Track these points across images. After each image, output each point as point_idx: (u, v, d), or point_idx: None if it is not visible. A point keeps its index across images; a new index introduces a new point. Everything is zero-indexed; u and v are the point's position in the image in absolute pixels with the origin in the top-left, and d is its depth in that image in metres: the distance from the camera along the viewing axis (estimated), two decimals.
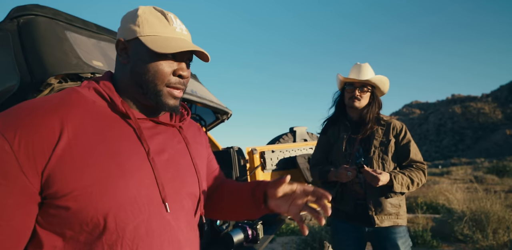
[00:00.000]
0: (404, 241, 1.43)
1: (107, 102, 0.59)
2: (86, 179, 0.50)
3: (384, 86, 1.59)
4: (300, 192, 0.63)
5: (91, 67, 1.14)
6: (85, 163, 0.50)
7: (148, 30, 0.60)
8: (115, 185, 0.52)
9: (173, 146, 0.65)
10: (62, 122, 0.51)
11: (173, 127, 0.68)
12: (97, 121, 0.55)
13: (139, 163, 0.56)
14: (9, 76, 1.10)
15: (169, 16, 0.62)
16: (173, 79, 0.62)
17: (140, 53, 0.60)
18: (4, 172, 0.46)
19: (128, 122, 0.59)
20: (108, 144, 0.54)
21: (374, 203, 1.43)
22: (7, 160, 0.46)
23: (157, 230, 0.56)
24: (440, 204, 6.30)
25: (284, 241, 4.08)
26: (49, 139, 0.49)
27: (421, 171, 1.46)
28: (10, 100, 1.09)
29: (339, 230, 1.55)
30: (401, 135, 1.50)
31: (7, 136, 0.47)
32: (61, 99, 0.55)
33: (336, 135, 1.60)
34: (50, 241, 0.51)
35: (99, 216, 0.50)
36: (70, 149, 0.50)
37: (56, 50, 1.13)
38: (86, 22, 1.44)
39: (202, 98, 1.80)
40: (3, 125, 0.48)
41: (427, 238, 3.86)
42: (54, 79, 1.07)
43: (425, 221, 5.07)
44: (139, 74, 0.60)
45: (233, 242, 1.45)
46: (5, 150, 0.46)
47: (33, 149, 0.47)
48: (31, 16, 1.22)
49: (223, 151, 2.29)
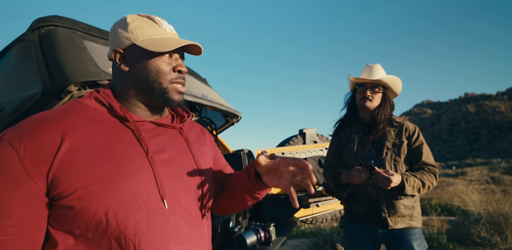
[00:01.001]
0: (419, 243, 1.41)
1: (107, 108, 0.63)
2: (87, 179, 0.54)
3: (396, 86, 1.57)
4: (283, 165, 0.64)
5: (108, 75, 1.19)
6: (86, 165, 0.54)
7: (142, 35, 0.64)
8: (115, 183, 0.55)
9: (174, 146, 0.68)
10: (64, 130, 0.55)
11: (173, 128, 0.71)
12: (97, 126, 0.59)
13: (139, 162, 0.60)
14: (32, 84, 1.16)
15: (156, 19, 0.67)
16: (174, 75, 0.67)
17: (139, 57, 0.64)
18: (12, 177, 0.51)
19: (127, 125, 0.63)
20: (108, 146, 0.58)
21: (387, 204, 1.42)
22: (14, 166, 0.51)
23: (158, 226, 0.59)
24: (455, 206, 6.14)
25: (295, 243, 4.05)
26: (51, 145, 0.53)
27: (433, 174, 1.45)
28: (33, 107, 1.14)
29: (352, 232, 1.54)
30: (413, 137, 1.49)
31: (14, 145, 0.52)
32: (64, 110, 0.60)
33: (347, 137, 1.59)
34: (62, 240, 0.55)
35: (100, 214, 0.54)
36: (71, 153, 0.54)
37: (75, 59, 1.18)
38: (101, 31, 1.50)
39: (212, 102, 1.83)
40: (11, 135, 0.53)
41: (443, 241, 3.76)
42: (74, 87, 1.12)
43: (440, 223, 4.95)
44: (142, 77, 0.65)
45: (246, 244, 1.47)
46: (12, 157, 0.51)
47: (37, 154, 0.52)
48: (51, 27, 1.28)
49: (233, 153, 2.31)
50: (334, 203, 2.37)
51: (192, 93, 1.63)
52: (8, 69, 1.34)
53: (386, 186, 1.31)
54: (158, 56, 0.65)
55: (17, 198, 0.51)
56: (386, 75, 1.56)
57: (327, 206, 2.36)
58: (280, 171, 0.65)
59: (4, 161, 0.51)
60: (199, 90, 1.79)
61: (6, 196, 0.51)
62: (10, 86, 1.28)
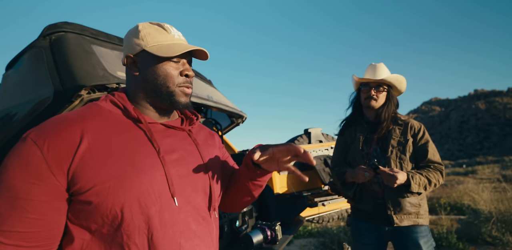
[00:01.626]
0: (426, 241, 1.41)
1: (121, 110, 0.67)
2: (104, 176, 0.57)
3: (401, 85, 1.58)
4: (277, 152, 0.67)
5: (116, 78, 1.23)
6: (103, 162, 0.58)
7: (151, 41, 0.68)
8: (129, 180, 0.59)
9: (183, 147, 0.71)
10: (82, 130, 0.59)
11: (183, 130, 0.74)
12: (113, 127, 0.63)
13: (151, 161, 0.63)
14: (44, 89, 1.20)
15: (165, 26, 0.71)
16: (181, 79, 0.70)
17: (148, 62, 0.68)
18: (37, 173, 0.55)
19: (139, 126, 0.67)
20: (123, 146, 0.62)
21: (393, 202, 1.43)
22: (38, 163, 0.55)
23: (169, 221, 0.62)
24: (465, 204, 6.04)
25: (302, 243, 4.06)
26: (71, 144, 0.57)
27: (439, 171, 1.45)
28: (45, 111, 1.19)
29: (359, 230, 1.55)
30: (419, 135, 1.49)
31: (38, 143, 0.56)
32: (82, 112, 0.64)
33: (352, 136, 1.60)
34: (79, 235, 0.58)
35: (116, 208, 0.57)
36: (89, 151, 0.58)
37: (84, 63, 1.22)
38: (109, 36, 1.54)
39: (218, 103, 1.86)
40: (35, 135, 0.57)
41: (453, 240, 3.72)
42: (83, 91, 1.16)
43: (450, 222, 4.88)
44: (151, 80, 0.69)
45: (252, 243, 1.49)
46: (37, 154, 0.55)
47: (59, 152, 0.56)
48: (61, 33, 1.32)
49: (239, 153, 2.34)
50: (340, 202, 2.37)
51: (198, 94, 1.66)
52: (21, 74, 1.39)
53: (392, 184, 1.32)
54: (166, 61, 0.69)
55: (41, 193, 0.55)
56: (390, 74, 1.56)
57: (333, 205, 2.36)
58: (277, 157, 0.68)
59: (30, 158, 0.55)
60: (204, 92, 1.82)
61: (31, 191, 0.54)
62: (24, 91, 1.33)
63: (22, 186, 0.54)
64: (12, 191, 0.54)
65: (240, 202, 0.86)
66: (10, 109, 1.32)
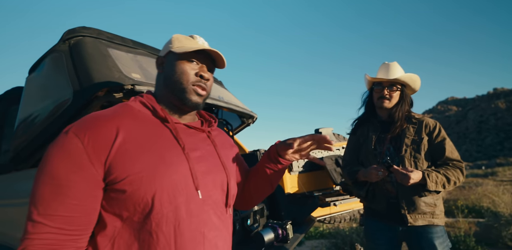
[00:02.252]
0: (441, 241, 1.38)
1: (150, 110, 0.74)
2: (138, 167, 0.63)
3: (415, 84, 1.54)
4: (302, 143, 0.80)
5: (131, 80, 1.27)
6: (136, 155, 0.64)
7: (177, 45, 0.77)
8: (159, 172, 0.64)
9: (203, 147, 0.77)
10: (118, 126, 0.65)
11: (203, 131, 0.80)
12: (143, 125, 0.69)
13: (177, 157, 0.69)
14: (64, 91, 1.26)
15: (195, 36, 0.82)
16: (195, 78, 0.76)
17: (171, 61, 0.77)
18: (79, 163, 0.60)
19: (166, 125, 0.73)
20: (152, 141, 0.68)
21: (407, 201, 1.40)
22: (80, 154, 0.61)
23: (195, 212, 0.67)
24: (484, 207, 5.83)
25: (313, 244, 4.03)
26: (109, 137, 0.63)
27: (458, 169, 1.40)
28: (65, 112, 1.24)
29: (372, 230, 1.53)
30: (434, 133, 1.46)
31: (80, 136, 0.62)
32: (116, 111, 0.71)
33: (365, 135, 1.58)
34: (111, 222, 0.63)
35: (147, 197, 0.62)
36: (124, 144, 0.64)
37: (101, 66, 1.27)
38: (124, 39, 1.59)
39: (229, 104, 1.89)
40: (77, 129, 0.63)
41: (471, 244, 3.60)
42: (100, 92, 1.21)
43: (467, 225, 4.73)
44: (169, 77, 0.76)
45: (263, 241, 1.50)
46: (78, 146, 0.61)
47: (98, 145, 0.62)
48: (79, 37, 1.38)
49: (249, 154, 2.35)
50: (352, 202, 2.35)
51: (209, 95, 1.69)
52: (43, 78, 1.46)
53: (406, 183, 1.29)
54: (185, 61, 0.76)
55: (82, 181, 0.60)
56: (404, 74, 1.53)
57: (345, 205, 2.34)
58: (299, 147, 0.80)
59: (72, 150, 0.61)
60: (215, 93, 1.86)
61: (73, 179, 0.60)
62: (45, 93, 1.40)
63: (65, 174, 0.59)
64: (56, 178, 0.59)
65: (258, 195, 0.91)
66: (33, 111, 1.39)
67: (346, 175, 1.59)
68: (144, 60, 1.62)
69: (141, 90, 1.25)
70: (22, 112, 1.43)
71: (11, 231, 1.16)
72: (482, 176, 16.21)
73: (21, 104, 1.47)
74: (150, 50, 1.74)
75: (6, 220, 1.21)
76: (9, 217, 1.21)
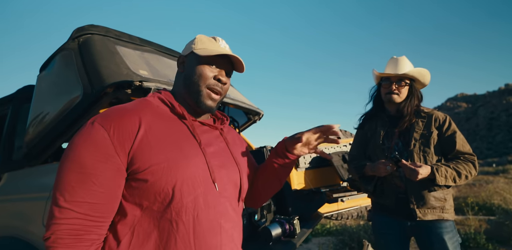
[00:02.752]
0: (451, 236, 1.36)
1: (168, 106, 0.76)
2: (159, 158, 0.65)
3: (424, 78, 1.51)
4: (310, 136, 0.81)
5: (138, 76, 1.29)
6: (158, 147, 0.66)
7: (200, 46, 0.79)
8: (180, 163, 0.67)
9: (217, 143, 0.80)
10: (140, 119, 0.68)
11: (216, 129, 0.83)
12: (161, 120, 0.72)
13: (195, 151, 0.72)
14: (74, 88, 1.29)
15: (217, 38, 0.83)
16: (213, 82, 0.78)
17: (192, 62, 0.78)
18: (105, 152, 0.63)
19: (183, 122, 0.76)
20: (170, 135, 0.70)
21: (416, 196, 1.38)
22: (106, 144, 0.63)
23: (212, 203, 0.70)
24: (495, 204, 5.73)
25: (320, 241, 4.03)
26: (132, 129, 0.66)
27: (470, 162, 1.37)
28: (76, 109, 1.27)
29: (380, 225, 1.52)
30: (444, 126, 1.43)
31: (106, 127, 0.64)
32: (137, 105, 0.74)
33: (373, 129, 1.56)
34: (131, 211, 0.65)
35: (168, 187, 0.65)
36: (146, 136, 0.66)
37: (109, 63, 1.29)
38: (131, 36, 1.61)
39: (235, 100, 1.89)
40: (102, 120, 0.66)
41: (481, 241, 3.55)
42: (109, 89, 1.24)
43: (478, 223, 4.66)
44: (189, 77, 0.78)
45: (271, 236, 1.51)
46: (104, 137, 0.63)
47: (122, 136, 0.64)
48: (88, 35, 1.41)
49: (256, 150, 2.36)
50: (359, 198, 2.33)
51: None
52: (54, 75, 1.49)
53: (414, 178, 1.28)
54: (205, 64, 0.77)
55: (107, 170, 0.63)
56: (413, 68, 1.50)
57: (352, 201, 2.33)
58: (308, 141, 0.82)
59: (99, 140, 0.63)
60: None
61: (100, 167, 0.62)
62: (56, 90, 1.43)
63: (92, 163, 0.62)
64: (83, 167, 0.61)
65: (267, 192, 0.93)
66: (44, 109, 1.42)
67: (353, 169, 1.57)
68: (151, 57, 1.64)
69: (149, 87, 1.27)
70: (34, 110, 1.46)
71: (24, 224, 1.19)
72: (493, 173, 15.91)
73: (33, 102, 1.50)
74: (157, 48, 1.75)
75: (19, 214, 1.24)
76: (22, 211, 1.24)
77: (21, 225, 1.19)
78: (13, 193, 1.33)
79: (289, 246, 1.52)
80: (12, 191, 1.36)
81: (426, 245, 1.40)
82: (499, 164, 24.30)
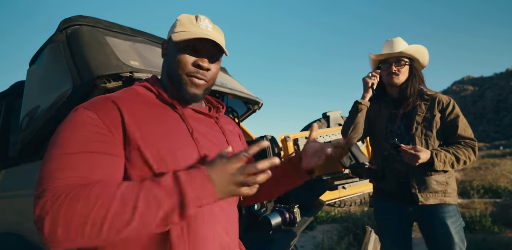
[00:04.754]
0: (454, 220, 1.35)
1: (155, 94, 0.71)
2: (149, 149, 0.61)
3: (423, 56, 1.47)
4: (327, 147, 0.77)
5: (129, 67, 1.25)
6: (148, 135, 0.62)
7: (179, 29, 0.71)
8: (172, 153, 0.63)
9: (212, 132, 0.75)
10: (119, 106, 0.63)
11: (210, 117, 0.78)
12: (148, 107, 0.67)
13: (186, 140, 0.67)
14: (64, 81, 1.26)
15: (199, 17, 0.73)
16: (192, 69, 0.71)
17: (171, 47, 0.73)
18: (101, 132, 0.59)
19: (173, 109, 0.71)
20: (160, 124, 0.66)
21: (417, 180, 1.37)
22: (98, 124, 0.59)
23: None
24: (501, 187, 5.70)
25: (325, 228, 4.07)
26: (117, 115, 0.62)
27: (470, 148, 1.35)
28: (66, 103, 1.24)
29: (382, 210, 1.51)
30: (448, 110, 1.40)
31: (93, 110, 0.61)
32: (119, 93, 0.70)
33: (376, 112, 1.53)
34: None
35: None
36: (135, 123, 0.62)
37: (98, 54, 1.25)
38: (122, 27, 1.56)
39: (233, 90, 1.85)
40: (86, 106, 0.62)
41: (487, 224, 3.55)
42: (99, 81, 1.20)
43: (483, 206, 4.65)
44: (169, 65, 0.73)
45: (271, 225, 1.51)
46: (94, 118, 0.60)
47: (110, 118, 0.61)
48: (76, 26, 1.36)
49: (256, 140, 2.34)
50: (361, 185, 2.32)
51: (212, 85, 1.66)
52: (43, 69, 1.46)
53: (414, 163, 1.26)
54: (184, 49, 0.70)
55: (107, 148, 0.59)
56: (409, 46, 1.46)
57: (354, 188, 2.32)
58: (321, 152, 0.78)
59: (91, 121, 0.59)
60: (218, 79, 1.82)
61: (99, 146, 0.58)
62: (46, 84, 1.41)
63: (92, 142, 0.58)
64: (84, 147, 0.57)
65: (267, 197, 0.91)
66: (35, 103, 1.40)
67: None
68: (143, 47, 1.59)
69: (140, 78, 1.23)
70: (26, 105, 1.45)
71: (22, 221, 1.20)
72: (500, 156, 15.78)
73: (24, 97, 1.48)
74: (150, 38, 1.70)
75: (17, 210, 1.25)
76: (20, 207, 1.25)
77: (19, 221, 1.20)
78: (10, 189, 1.34)
79: (289, 234, 1.52)
80: (9, 187, 1.36)
81: (428, 230, 1.39)
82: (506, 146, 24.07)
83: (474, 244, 2.87)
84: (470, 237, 3.06)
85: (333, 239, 3.22)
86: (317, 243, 3.21)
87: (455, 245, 1.32)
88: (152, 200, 0.52)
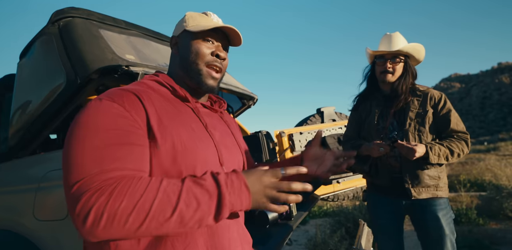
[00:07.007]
0: (445, 213, 1.39)
1: (168, 89, 0.72)
2: (173, 139, 0.61)
3: (419, 54, 1.49)
4: (328, 155, 0.80)
5: (124, 61, 1.23)
6: (171, 125, 0.62)
7: (191, 23, 0.75)
8: (195, 146, 0.64)
9: (220, 126, 0.78)
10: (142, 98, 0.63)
11: (216, 112, 0.81)
12: (163, 101, 0.68)
13: (202, 133, 0.69)
14: (57, 75, 1.22)
15: (208, 13, 0.79)
16: (211, 58, 0.74)
17: (186, 40, 0.74)
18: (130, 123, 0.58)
19: (186, 104, 0.72)
20: (177, 117, 0.67)
21: (411, 175, 1.40)
22: (127, 115, 0.59)
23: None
24: (486, 180, 5.90)
25: (318, 222, 4.14)
26: (140, 106, 0.61)
27: (463, 141, 1.39)
28: (60, 97, 1.21)
29: (375, 205, 1.54)
30: (440, 105, 1.43)
31: (118, 102, 0.60)
32: (135, 85, 0.69)
33: (368, 110, 1.55)
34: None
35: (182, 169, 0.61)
36: (156, 114, 0.62)
37: (93, 47, 1.22)
38: (116, 20, 1.52)
39: (228, 85, 1.85)
40: (109, 97, 0.61)
41: (472, 216, 3.68)
42: (94, 74, 1.18)
43: (469, 199, 4.82)
44: (185, 58, 0.74)
45: (267, 219, 1.52)
46: (121, 110, 0.59)
47: (136, 111, 0.60)
48: (68, 19, 1.32)
49: (251, 135, 2.34)
50: (355, 179, 2.37)
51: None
52: (35, 62, 1.42)
53: (411, 157, 1.28)
54: (200, 40, 0.73)
55: (137, 139, 0.58)
56: (407, 44, 1.47)
57: (348, 183, 2.36)
58: (322, 160, 0.80)
59: (120, 112, 0.58)
60: None
61: (130, 136, 0.57)
62: (38, 78, 1.37)
63: (130, 134, 0.57)
64: (124, 138, 0.56)
65: None
66: (27, 98, 1.36)
67: (349, 147, 1.56)
68: (138, 41, 1.56)
69: (136, 72, 1.21)
70: (16, 100, 1.40)
71: (15, 217, 1.18)
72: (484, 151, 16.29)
73: (15, 91, 1.44)
74: (144, 31, 1.67)
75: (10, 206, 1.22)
76: (13, 203, 1.22)
77: (13, 217, 1.18)
78: (2, 185, 1.31)
79: (286, 228, 1.54)
80: (1, 183, 1.33)
81: (421, 223, 1.43)
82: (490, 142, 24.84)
83: (461, 236, 2.97)
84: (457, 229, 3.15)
85: (326, 232, 3.28)
86: (310, 237, 3.26)
87: (446, 237, 1.36)
88: (193, 200, 0.52)
